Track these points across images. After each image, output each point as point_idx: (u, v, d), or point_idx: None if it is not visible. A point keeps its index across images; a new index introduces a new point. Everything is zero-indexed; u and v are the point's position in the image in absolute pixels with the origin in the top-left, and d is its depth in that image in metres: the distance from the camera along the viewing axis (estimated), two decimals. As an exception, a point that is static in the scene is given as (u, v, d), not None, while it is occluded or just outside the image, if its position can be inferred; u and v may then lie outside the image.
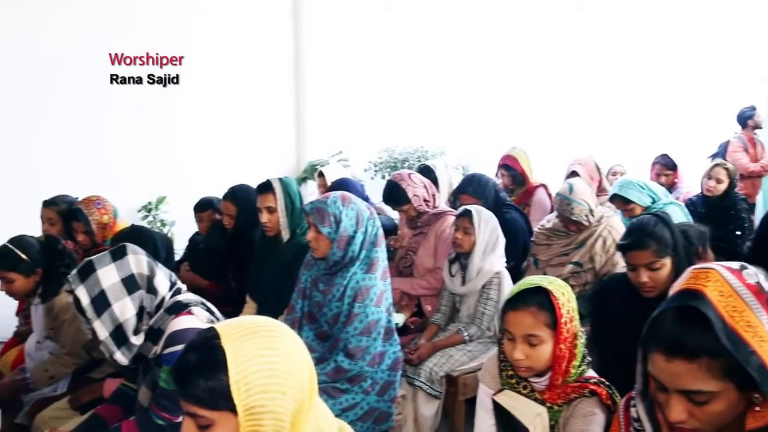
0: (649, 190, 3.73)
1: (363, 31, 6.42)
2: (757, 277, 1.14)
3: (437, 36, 6.84)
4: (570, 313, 1.71)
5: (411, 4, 6.70)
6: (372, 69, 6.48)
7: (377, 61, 6.52)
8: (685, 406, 1.10)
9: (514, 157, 4.47)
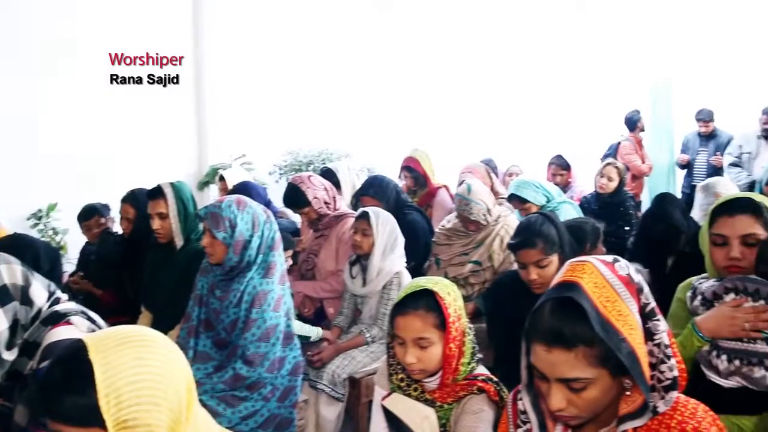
0: (543, 190, 3.87)
1: (267, 32, 6.32)
2: (627, 269, 1.20)
3: (340, 38, 6.83)
4: (457, 311, 1.73)
5: (312, 4, 6.66)
6: (276, 71, 6.39)
7: (282, 63, 6.43)
8: (564, 394, 1.14)
9: (416, 159, 4.53)
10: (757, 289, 1.74)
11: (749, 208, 1.85)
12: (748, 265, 1.81)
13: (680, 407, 1.20)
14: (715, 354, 1.78)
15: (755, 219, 1.82)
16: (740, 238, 1.82)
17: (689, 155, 6.66)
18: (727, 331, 1.75)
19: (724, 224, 1.85)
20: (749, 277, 1.78)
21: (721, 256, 1.85)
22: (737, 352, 1.75)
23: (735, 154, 5.88)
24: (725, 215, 1.87)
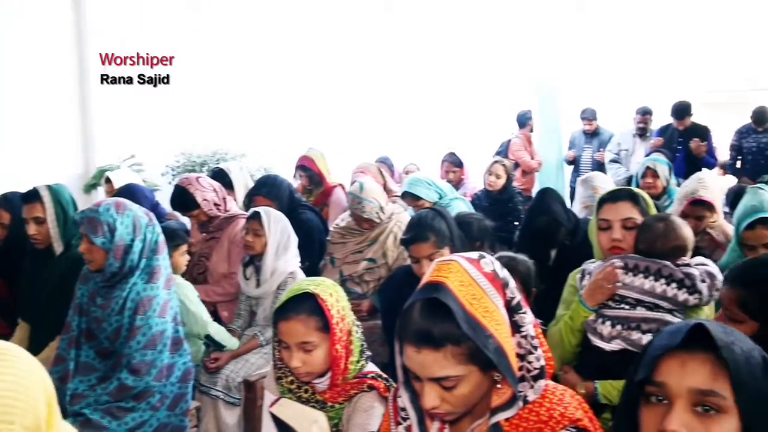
0: (436, 187, 3.96)
1: (160, 29, 6.10)
2: (493, 265, 1.23)
3: (236, 36, 6.69)
4: (341, 312, 1.73)
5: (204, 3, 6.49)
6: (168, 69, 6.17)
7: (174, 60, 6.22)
8: (437, 393, 1.15)
9: (311, 158, 4.51)
10: (636, 264, 1.98)
11: (629, 196, 2.14)
12: (628, 247, 2.06)
13: (549, 394, 1.24)
14: (600, 321, 2.00)
15: (633, 205, 2.10)
16: (621, 222, 2.09)
17: (575, 152, 7.03)
18: (600, 293, 2.00)
19: (608, 210, 2.12)
20: (629, 255, 2.03)
21: (606, 238, 2.11)
22: (619, 318, 1.98)
23: (614, 151, 6.26)
24: (609, 202, 2.14)
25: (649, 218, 2.06)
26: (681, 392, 0.98)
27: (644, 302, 1.95)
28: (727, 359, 0.96)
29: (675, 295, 1.92)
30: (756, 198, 2.45)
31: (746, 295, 1.61)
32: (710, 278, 1.93)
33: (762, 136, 6.25)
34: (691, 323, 1.02)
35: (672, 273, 1.93)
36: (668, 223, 2.00)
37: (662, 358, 1.02)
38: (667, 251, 1.96)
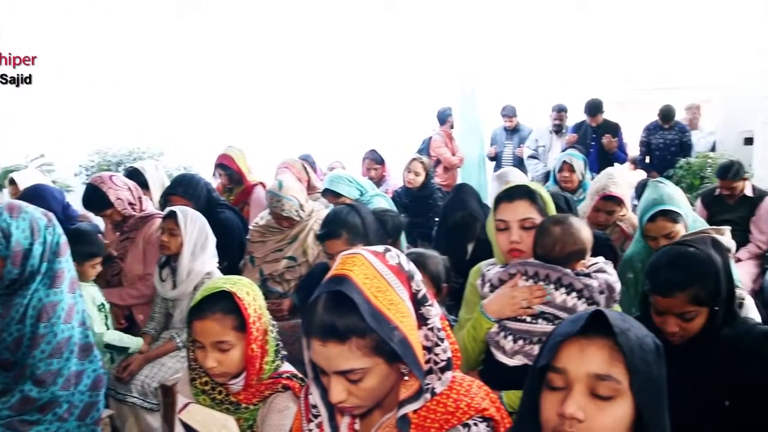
0: (357, 184, 3.96)
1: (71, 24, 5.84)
2: (398, 258, 1.24)
3: (149, 33, 6.50)
4: (258, 311, 1.70)
5: None
6: (82, 65, 5.93)
7: (88, 56, 5.98)
8: (344, 386, 1.15)
9: (230, 156, 4.43)
10: (536, 272, 1.89)
11: (526, 194, 2.02)
12: (527, 248, 1.96)
13: (456, 386, 1.26)
14: (502, 335, 1.91)
15: (531, 204, 2.00)
16: (519, 222, 1.98)
17: (497, 148, 7.20)
18: (509, 310, 1.88)
19: (505, 210, 2.01)
20: (529, 261, 1.93)
21: (504, 240, 2.01)
22: (521, 332, 1.88)
23: (532, 147, 6.44)
24: (505, 201, 2.02)
25: (546, 221, 1.95)
26: (579, 377, 1.02)
27: (546, 314, 1.86)
28: (622, 345, 1.01)
29: (574, 305, 1.83)
30: (657, 191, 2.56)
31: (693, 292, 1.64)
32: (609, 290, 1.85)
33: (668, 132, 6.57)
34: (591, 311, 1.07)
35: (572, 283, 1.84)
36: (565, 227, 1.89)
37: (563, 344, 1.06)
38: (566, 256, 1.88)
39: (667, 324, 1.69)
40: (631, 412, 1.02)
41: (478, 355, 2.01)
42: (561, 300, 1.84)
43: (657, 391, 1.04)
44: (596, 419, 1.00)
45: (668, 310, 1.68)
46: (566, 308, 1.84)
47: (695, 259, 1.66)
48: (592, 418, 1.00)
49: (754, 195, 4.64)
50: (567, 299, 1.84)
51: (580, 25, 7.88)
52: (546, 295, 1.85)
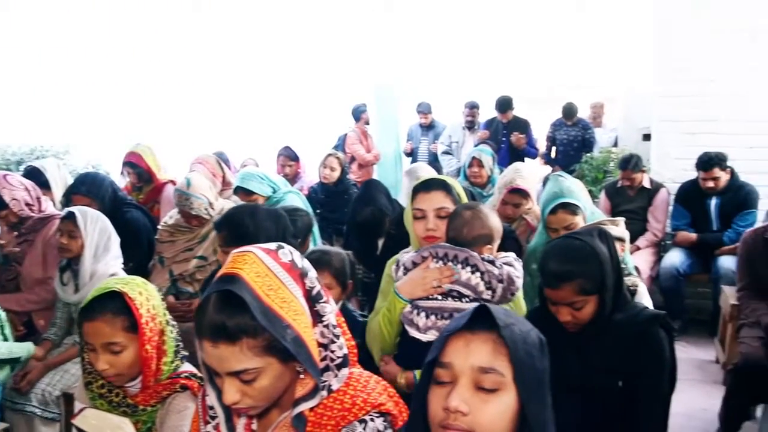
0: (269, 181, 3.91)
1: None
2: (291, 255, 1.22)
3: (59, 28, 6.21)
4: (151, 311, 1.67)
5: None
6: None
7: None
8: (237, 387, 1.13)
9: (138, 153, 4.28)
10: (446, 254, 2.01)
11: (441, 185, 2.17)
12: (442, 235, 2.10)
13: (353, 382, 1.26)
14: (415, 312, 2.01)
15: (446, 194, 2.15)
16: (435, 211, 2.12)
17: (412, 144, 7.31)
18: (421, 290, 2.00)
19: (422, 199, 2.15)
20: (440, 244, 2.05)
21: (421, 227, 2.14)
22: (433, 309, 2.00)
23: (446, 143, 6.57)
24: (422, 192, 2.16)
25: (459, 207, 2.10)
26: (464, 370, 1.04)
27: (453, 292, 1.98)
28: (506, 338, 1.03)
29: (477, 284, 1.96)
30: (557, 185, 2.68)
31: (580, 283, 1.73)
32: (508, 281, 1.97)
33: (571, 129, 6.88)
34: (476, 306, 1.09)
35: (476, 264, 1.97)
36: (475, 212, 2.03)
37: (450, 339, 1.08)
38: (473, 239, 2.00)
39: (560, 313, 1.79)
40: (514, 404, 1.04)
41: (394, 338, 2.11)
42: (466, 278, 1.97)
43: (540, 384, 1.07)
44: (480, 412, 1.02)
45: (559, 301, 1.77)
46: (470, 286, 1.97)
47: (580, 252, 1.75)
48: (476, 411, 1.02)
49: (651, 187, 4.92)
50: (471, 278, 1.97)
51: (492, 25, 8.09)
52: (454, 275, 1.96)
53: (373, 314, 2.19)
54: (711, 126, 4.88)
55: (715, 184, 4.50)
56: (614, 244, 1.84)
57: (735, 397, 3.21)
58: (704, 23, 4.82)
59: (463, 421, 1.01)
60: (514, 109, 6.34)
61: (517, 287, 2.00)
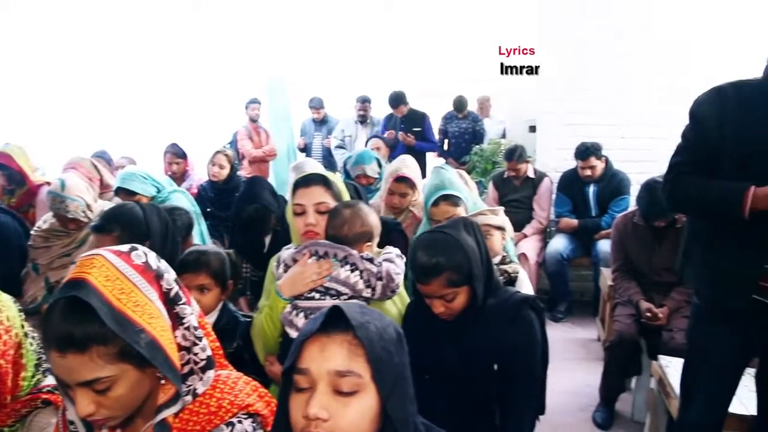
0: (152, 180, 3.76)
1: None
2: (145, 257, 1.18)
3: None
4: (5, 323, 1.56)
5: None
6: None
7: None
8: (91, 398, 1.08)
9: (8, 154, 4.00)
10: (326, 251, 1.99)
11: (321, 180, 2.14)
12: (322, 231, 2.07)
13: (220, 384, 1.24)
14: (294, 313, 1.98)
15: (326, 190, 2.13)
16: (314, 206, 2.09)
17: (306, 139, 7.27)
18: (301, 286, 1.97)
19: (301, 195, 2.12)
20: (319, 241, 2.03)
21: (300, 223, 2.11)
22: (311, 308, 1.96)
23: (339, 137, 6.58)
24: (302, 187, 2.13)
25: (339, 204, 2.09)
26: (321, 375, 1.03)
27: (331, 290, 1.97)
28: (361, 338, 1.03)
29: (356, 283, 1.96)
30: (439, 177, 2.73)
31: (448, 276, 1.76)
32: (387, 278, 1.98)
33: (462, 121, 7.06)
34: (329, 307, 1.08)
35: (355, 262, 1.97)
36: (355, 210, 2.03)
37: (305, 344, 1.06)
38: (353, 237, 2.00)
39: (434, 306, 1.82)
40: (375, 402, 1.04)
41: (277, 337, 2.07)
42: (345, 276, 1.96)
43: (399, 379, 1.07)
44: (341, 416, 1.01)
45: (431, 295, 1.81)
46: (348, 284, 1.96)
47: (446, 245, 1.79)
48: (337, 416, 1.01)
49: (535, 177, 5.13)
50: (350, 276, 1.96)
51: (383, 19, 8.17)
52: (333, 267, 1.96)
53: (257, 313, 2.16)
54: (588, 118, 5.16)
55: (591, 172, 4.76)
56: (481, 233, 1.90)
57: (611, 371, 3.43)
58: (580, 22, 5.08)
59: (324, 428, 1.00)
60: (408, 103, 6.41)
61: (397, 284, 2.01)
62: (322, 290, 1.97)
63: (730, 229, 1.97)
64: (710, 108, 1.97)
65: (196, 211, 3.69)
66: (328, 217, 2.06)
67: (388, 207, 3.31)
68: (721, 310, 2.06)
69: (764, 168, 1.86)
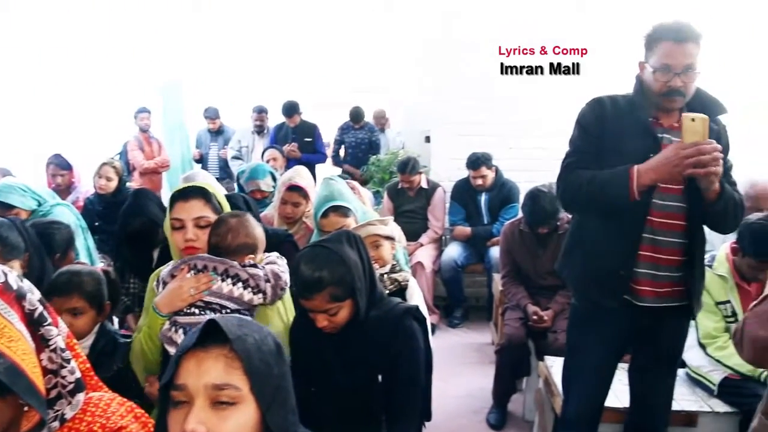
0: (33, 193, 3.56)
1: None
2: (4, 277, 1.10)
3: None
4: None
5: None
6: None
7: None
8: None
9: None
10: (205, 265, 1.94)
11: (201, 194, 2.06)
12: (203, 245, 2.01)
13: (91, 407, 1.19)
14: (173, 330, 1.92)
15: (205, 203, 2.05)
16: (194, 220, 2.01)
17: (202, 150, 7.10)
18: (179, 301, 1.90)
19: (180, 209, 2.03)
20: (199, 255, 1.97)
21: (179, 238, 2.02)
22: (191, 324, 1.90)
23: (236, 148, 6.49)
24: (181, 201, 2.05)
25: (225, 214, 2.05)
26: (198, 390, 1.02)
27: (212, 305, 1.91)
28: (238, 351, 1.03)
29: (241, 295, 1.91)
30: (328, 188, 2.74)
31: (331, 291, 1.76)
32: (275, 278, 1.96)
33: (359, 132, 7.15)
34: (205, 321, 1.07)
35: (238, 273, 1.92)
36: (241, 220, 1.99)
37: (182, 359, 1.05)
38: (237, 247, 1.96)
39: (317, 320, 1.82)
40: (255, 414, 1.04)
41: (157, 356, 2.00)
42: (228, 290, 1.91)
43: (279, 390, 1.08)
44: (219, 429, 1.01)
45: (314, 309, 1.81)
46: (233, 298, 1.92)
47: (328, 260, 1.78)
48: (215, 429, 1.00)
49: (429, 187, 5.27)
50: (233, 289, 1.91)
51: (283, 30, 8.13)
52: (212, 281, 1.90)
53: (136, 333, 2.07)
54: (479, 129, 5.35)
55: (483, 181, 4.94)
56: (364, 245, 1.92)
57: (502, 373, 3.56)
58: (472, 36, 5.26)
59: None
60: (301, 113, 6.40)
61: (285, 281, 1.98)
62: (202, 305, 1.92)
63: (605, 234, 2.13)
64: (592, 115, 2.16)
65: (81, 225, 3.54)
66: (212, 226, 2.00)
67: (281, 217, 3.29)
68: (597, 310, 2.20)
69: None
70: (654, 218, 2.08)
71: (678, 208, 2.08)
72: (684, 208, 2.08)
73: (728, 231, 2.24)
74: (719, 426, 2.66)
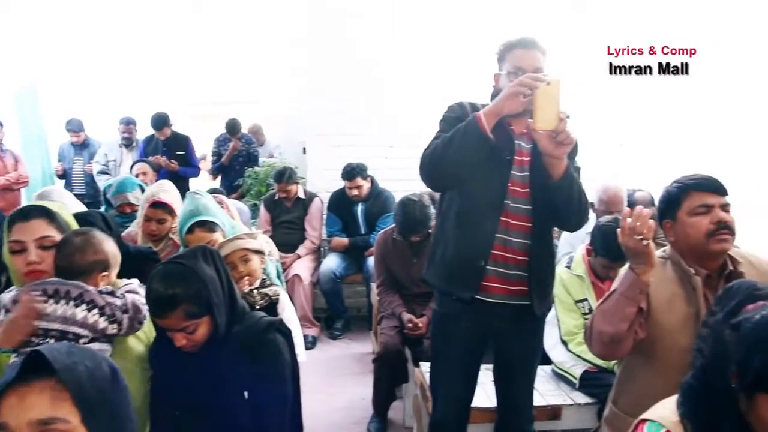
0: None
1: None
2: None
3: None
4: None
5: None
6: None
7: None
8: None
9: None
10: (56, 289, 1.79)
11: (43, 213, 1.94)
12: (49, 267, 1.87)
13: None
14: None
15: (49, 222, 1.93)
16: (37, 241, 1.88)
17: (65, 164, 6.65)
18: (18, 334, 1.74)
19: (20, 230, 1.89)
20: (49, 280, 1.83)
21: (21, 262, 1.88)
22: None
23: (102, 162, 6.15)
24: (20, 221, 1.90)
25: (69, 233, 1.93)
26: (21, 428, 0.95)
27: (68, 333, 1.78)
28: (65, 382, 0.96)
29: (96, 322, 1.80)
30: (193, 203, 2.63)
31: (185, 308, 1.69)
32: (134, 310, 1.87)
33: (236, 144, 6.99)
34: (28, 353, 0.99)
35: (94, 299, 1.81)
36: (87, 237, 1.90)
37: (3, 397, 0.97)
38: (86, 266, 1.86)
39: (175, 339, 1.74)
40: None
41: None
42: (82, 317, 1.78)
43: (114, 417, 1.03)
44: None
45: (170, 328, 1.73)
46: (87, 325, 1.79)
47: (182, 276, 1.72)
48: None
49: (306, 197, 5.24)
50: (88, 316, 1.79)
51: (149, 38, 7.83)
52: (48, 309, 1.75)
53: None
54: (355, 140, 5.38)
55: (358, 191, 4.97)
56: (221, 260, 1.87)
57: (380, 382, 3.58)
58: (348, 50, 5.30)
59: None
60: (171, 125, 6.16)
61: (144, 315, 1.89)
62: (57, 334, 1.76)
63: (462, 233, 2.20)
64: (454, 115, 2.25)
65: None
66: (57, 247, 1.88)
67: (145, 234, 3.13)
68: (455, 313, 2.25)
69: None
70: (507, 219, 2.17)
71: (525, 210, 2.18)
72: (530, 210, 2.18)
73: (576, 223, 2.30)
74: (581, 417, 2.83)
